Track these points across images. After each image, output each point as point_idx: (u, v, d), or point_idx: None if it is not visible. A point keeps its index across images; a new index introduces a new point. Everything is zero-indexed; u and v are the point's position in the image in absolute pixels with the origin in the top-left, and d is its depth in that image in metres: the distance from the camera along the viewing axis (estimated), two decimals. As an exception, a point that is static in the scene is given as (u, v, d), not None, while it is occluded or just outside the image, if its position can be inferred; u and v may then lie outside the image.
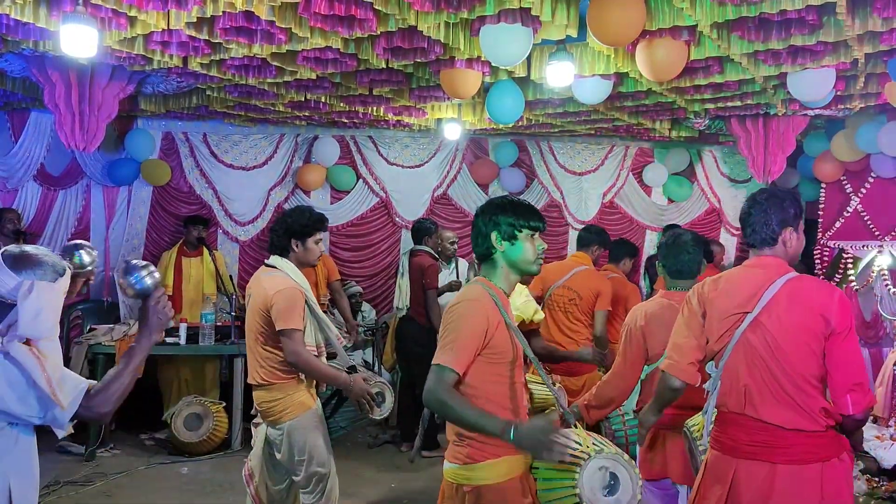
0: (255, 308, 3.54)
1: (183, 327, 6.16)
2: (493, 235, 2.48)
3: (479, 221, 2.53)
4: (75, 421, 2.14)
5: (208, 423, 5.98)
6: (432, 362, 2.35)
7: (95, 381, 2.21)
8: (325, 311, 6.43)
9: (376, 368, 6.93)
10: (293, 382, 3.54)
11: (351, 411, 3.92)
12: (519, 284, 3.05)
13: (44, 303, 2.06)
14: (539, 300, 4.77)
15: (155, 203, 7.43)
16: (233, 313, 6.39)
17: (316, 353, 3.59)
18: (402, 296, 6.63)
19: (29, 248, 2.16)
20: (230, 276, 6.96)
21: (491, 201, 2.60)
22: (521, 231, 2.48)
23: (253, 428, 3.81)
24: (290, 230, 3.57)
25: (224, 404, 6.20)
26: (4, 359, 2.02)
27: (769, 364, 2.47)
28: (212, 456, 6.01)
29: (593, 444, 2.35)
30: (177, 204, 7.45)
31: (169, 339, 6.12)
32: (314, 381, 3.67)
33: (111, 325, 6.34)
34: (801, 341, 2.43)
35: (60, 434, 2.15)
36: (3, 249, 2.12)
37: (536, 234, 2.53)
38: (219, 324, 6.37)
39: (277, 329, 3.42)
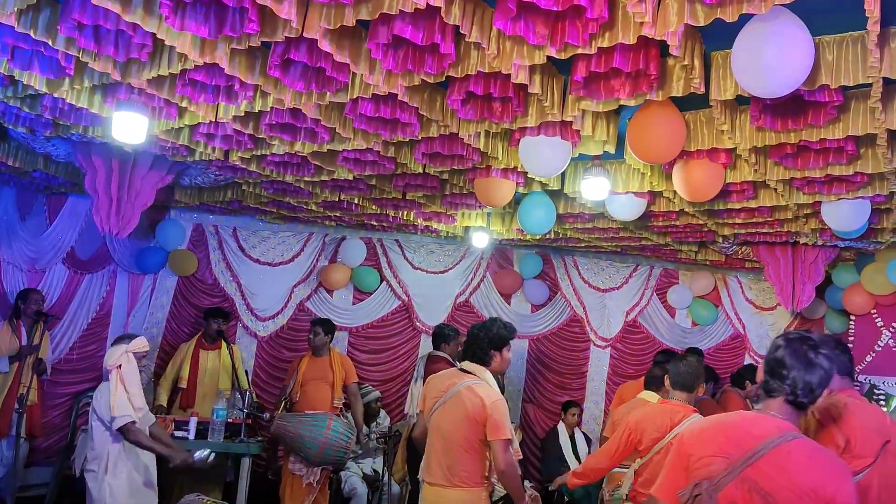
0: (468, 415, 3.54)
1: (193, 421, 5.98)
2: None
3: (819, 359, 2.23)
4: None
5: (208, 524, 5.70)
6: None
7: None
8: (338, 415, 6.29)
9: (385, 479, 6.66)
10: (485, 488, 3.62)
11: None
12: None
13: None
14: None
15: (178, 293, 7.41)
16: (245, 410, 6.22)
17: None
18: (414, 403, 6.44)
19: None
20: (245, 372, 6.83)
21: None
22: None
23: None
24: (493, 341, 3.70)
25: (226, 504, 5.93)
26: None
27: None
28: (209, 560, 5.69)
29: None
30: (199, 295, 7.44)
31: (178, 433, 5.94)
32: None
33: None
34: None
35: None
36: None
37: None
38: (230, 420, 6.19)
39: (491, 439, 3.48)
